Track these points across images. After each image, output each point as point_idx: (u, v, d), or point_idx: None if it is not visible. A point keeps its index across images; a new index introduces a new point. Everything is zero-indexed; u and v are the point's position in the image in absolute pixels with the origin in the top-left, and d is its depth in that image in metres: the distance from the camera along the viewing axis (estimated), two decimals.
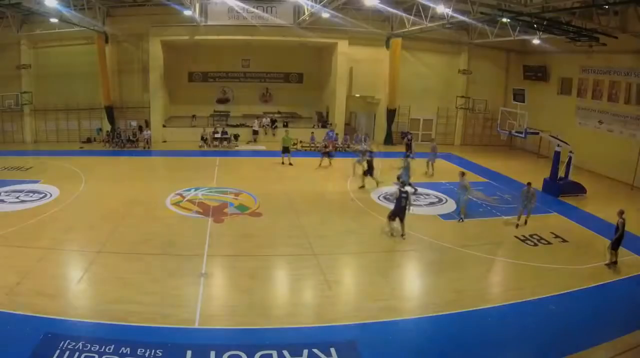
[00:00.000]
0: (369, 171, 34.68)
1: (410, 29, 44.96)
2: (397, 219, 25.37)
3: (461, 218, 28.46)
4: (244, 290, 19.36)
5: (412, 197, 28.87)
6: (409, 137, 48.15)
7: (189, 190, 33.65)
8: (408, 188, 27.36)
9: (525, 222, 27.76)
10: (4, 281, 19.43)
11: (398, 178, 31.81)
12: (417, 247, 24.50)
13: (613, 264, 22.09)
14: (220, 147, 49.69)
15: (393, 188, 32.00)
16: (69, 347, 14.82)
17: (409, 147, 44.89)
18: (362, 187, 34.50)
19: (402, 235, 25.30)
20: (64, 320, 16.56)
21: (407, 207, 25.28)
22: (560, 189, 34.69)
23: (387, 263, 22.49)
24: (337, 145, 48.77)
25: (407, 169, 32.40)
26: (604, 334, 16.75)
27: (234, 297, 18.99)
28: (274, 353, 14.93)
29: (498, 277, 21.96)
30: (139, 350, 14.76)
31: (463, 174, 29.28)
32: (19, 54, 50.61)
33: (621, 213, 21.83)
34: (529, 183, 28.27)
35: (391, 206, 29.12)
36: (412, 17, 42.49)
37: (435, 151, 38.02)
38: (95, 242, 23.95)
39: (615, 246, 21.98)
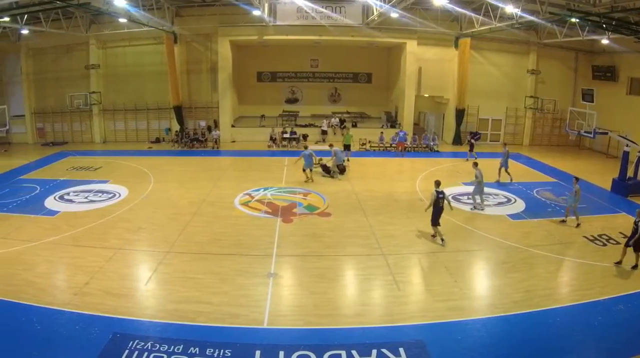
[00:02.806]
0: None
1: (479, 28, 44.56)
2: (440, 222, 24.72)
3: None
4: (312, 290, 19.34)
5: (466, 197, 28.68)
6: (469, 137, 47.97)
7: (258, 190, 33.85)
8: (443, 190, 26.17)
9: (577, 225, 27.28)
10: (72, 281, 19.90)
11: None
12: (486, 247, 24.21)
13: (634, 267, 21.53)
14: (289, 147, 49.85)
15: (461, 189, 31.68)
16: (138, 347, 15.00)
17: (471, 147, 44.78)
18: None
19: (442, 240, 24.50)
20: (132, 320, 16.79)
21: (448, 206, 24.93)
22: (628, 189, 33.88)
23: (456, 263, 22.14)
24: (406, 146, 48.62)
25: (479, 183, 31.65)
26: None
27: (302, 297, 18.93)
28: (343, 353, 14.87)
29: (566, 277, 21.40)
30: (207, 350, 14.83)
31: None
32: (88, 54, 51.99)
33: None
34: (575, 178, 27.96)
35: (459, 206, 29.54)
36: (480, 17, 42.19)
37: (507, 155, 36.97)
38: (164, 242, 24.31)
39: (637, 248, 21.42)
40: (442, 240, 24.50)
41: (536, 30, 50.08)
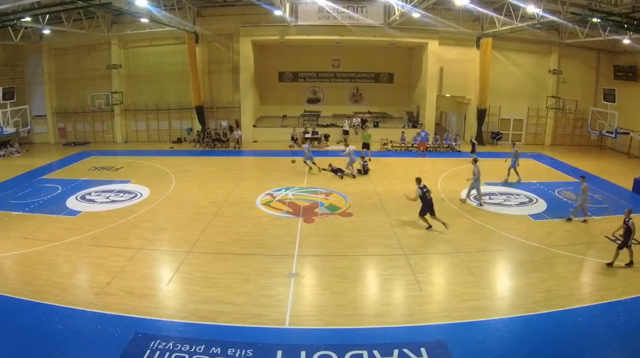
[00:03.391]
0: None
1: (500, 29, 44.52)
2: (429, 215, 26.20)
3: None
4: (334, 290, 19.32)
5: (502, 197, 28.79)
6: (471, 138, 47.88)
7: (280, 190, 33.89)
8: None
9: (585, 221, 27.55)
10: (94, 281, 20.02)
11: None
12: (507, 247, 24.10)
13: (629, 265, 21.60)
14: (311, 147, 49.74)
15: (483, 189, 31.62)
16: (159, 346, 15.05)
17: (474, 148, 45.06)
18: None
19: (445, 224, 25.96)
20: (154, 320, 16.85)
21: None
22: None
23: (477, 263, 22.04)
24: (427, 145, 48.60)
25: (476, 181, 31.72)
26: None
27: (324, 297, 18.92)
28: (364, 354, 14.83)
29: (588, 277, 21.22)
30: (229, 350, 14.85)
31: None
32: (109, 54, 52.48)
33: (629, 212, 21.74)
34: (582, 177, 28.13)
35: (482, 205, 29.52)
36: (502, 17, 42.07)
37: (516, 155, 36.81)
38: (186, 242, 24.38)
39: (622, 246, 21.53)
40: (444, 224, 25.92)
41: (558, 30, 49.77)
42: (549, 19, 36.17)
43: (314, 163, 39.15)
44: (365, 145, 44.31)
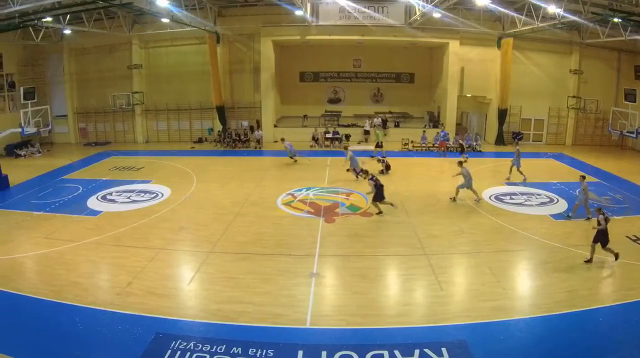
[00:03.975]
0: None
1: (521, 29, 44.44)
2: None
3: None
4: (355, 290, 19.33)
5: (523, 198, 29.99)
6: (458, 139, 47.54)
7: (301, 190, 33.92)
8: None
9: (588, 219, 27.53)
10: (115, 281, 20.18)
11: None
12: (528, 247, 24.01)
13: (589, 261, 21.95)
14: (332, 147, 49.85)
15: (504, 189, 31.57)
16: (180, 347, 15.11)
17: (462, 148, 44.92)
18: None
19: (392, 204, 29.08)
20: (175, 320, 16.93)
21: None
22: None
23: (498, 263, 21.97)
24: (448, 146, 48.55)
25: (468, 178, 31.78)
26: None
27: (345, 297, 18.93)
28: (385, 353, 14.83)
29: (609, 278, 21.04)
30: (250, 350, 14.87)
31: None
32: (130, 54, 52.85)
33: (599, 210, 22.29)
34: (582, 176, 28.11)
35: (502, 206, 30.12)
36: (523, 17, 42.04)
37: (518, 154, 36.66)
38: (207, 242, 24.47)
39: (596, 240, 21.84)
40: (392, 204, 29.02)
41: (579, 30, 49.53)
42: (570, 19, 36.14)
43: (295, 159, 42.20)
44: (378, 145, 44.68)
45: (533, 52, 52.39)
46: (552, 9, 35.33)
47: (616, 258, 21.62)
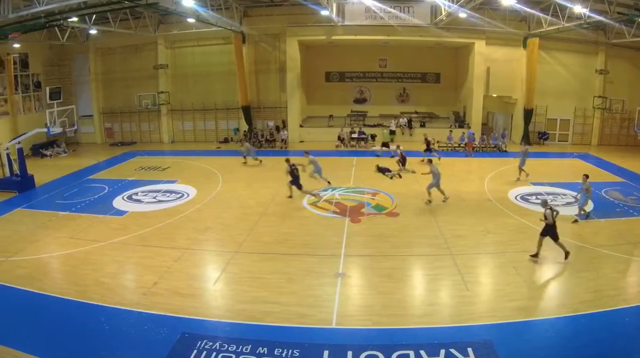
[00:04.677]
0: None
1: (547, 29, 44.27)
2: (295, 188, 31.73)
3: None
4: (380, 290, 19.33)
5: (549, 197, 29.77)
6: (425, 137, 46.37)
7: (326, 190, 33.96)
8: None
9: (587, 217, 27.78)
10: (141, 281, 20.35)
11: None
12: (554, 247, 23.54)
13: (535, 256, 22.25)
14: (357, 147, 49.85)
15: (530, 189, 31.77)
16: (206, 347, 15.20)
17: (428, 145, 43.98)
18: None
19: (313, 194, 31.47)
20: (200, 320, 17.04)
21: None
22: None
23: (524, 263, 21.85)
24: (474, 145, 48.37)
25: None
26: None
27: (370, 297, 18.94)
28: (411, 353, 14.82)
29: (635, 277, 20.94)
30: (276, 350, 14.92)
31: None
32: (156, 54, 53.27)
33: (545, 203, 22.43)
34: (585, 176, 28.02)
35: (528, 206, 30.17)
36: (549, 17, 41.89)
37: (525, 154, 36.63)
38: (232, 242, 24.57)
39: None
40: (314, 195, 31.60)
41: (604, 30, 49.19)
42: (596, 19, 36.05)
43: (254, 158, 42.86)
44: (385, 144, 45.13)
45: (559, 52, 52.10)
46: (578, 9, 35.31)
47: (566, 257, 21.81)
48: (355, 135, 51.16)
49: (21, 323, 16.89)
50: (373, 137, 51.86)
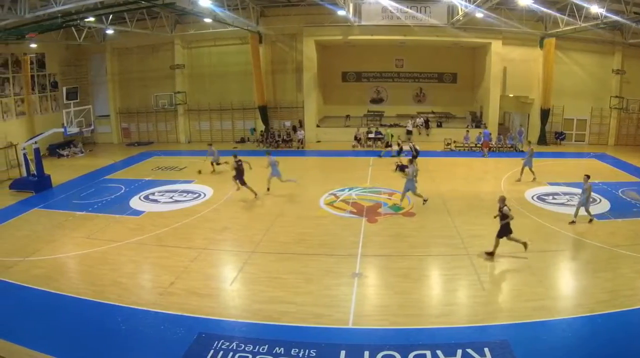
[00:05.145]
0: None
1: (563, 29, 44.13)
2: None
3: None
4: (397, 290, 19.33)
5: (566, 197, 28.97)
6: (399, 141, 45.55)
7: (343, 190, 33.94)
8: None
9: (590, 221, 27.13)
10: (158, 281, 20.44)
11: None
12: (570, 247, 23.96)
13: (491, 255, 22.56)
14: (374, 147, 49.82)
15: (546, 189, 31.99)
16: (223, 347, 15.24)
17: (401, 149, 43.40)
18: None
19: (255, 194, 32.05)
20: (217, 320, 17.09)
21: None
22: None
23: (540, 263, 21.79)
24: (491, 145, 48.23)
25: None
26: None
27: (387, 297, 18.95)
28: (428, 353, 14.82)
29: None
30: (292, 350, 14.95)
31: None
32: (173, 54, 53.45)
33: (503, 199, 22.70)
34: (586, 176, 27.59)
35: (545, 206, 30.26)
36: (565, 17, 41.76)
37: (531, 154, 36.50)
38: (249, 242, 24.62)
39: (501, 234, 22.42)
40: (255, 194, 32.15)
41: (621, 30, 48.89)
42: (613, 19, 35.85)
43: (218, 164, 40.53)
44: (387, 144, 45.39)
45: (575, 52, 51.85)
46: (595, 9, 35.22)
47: (491, 254, 22.31)
48: (371, 135, 51.18)
49: (38, 323, 17.00)
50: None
